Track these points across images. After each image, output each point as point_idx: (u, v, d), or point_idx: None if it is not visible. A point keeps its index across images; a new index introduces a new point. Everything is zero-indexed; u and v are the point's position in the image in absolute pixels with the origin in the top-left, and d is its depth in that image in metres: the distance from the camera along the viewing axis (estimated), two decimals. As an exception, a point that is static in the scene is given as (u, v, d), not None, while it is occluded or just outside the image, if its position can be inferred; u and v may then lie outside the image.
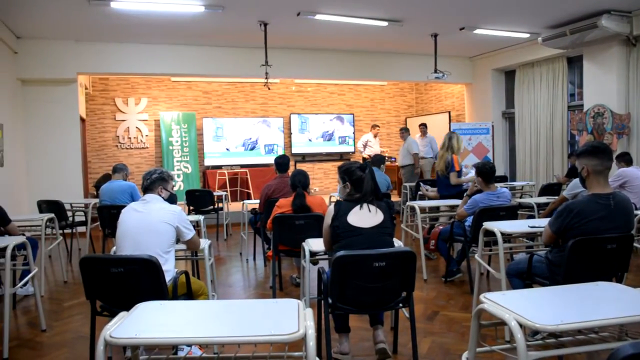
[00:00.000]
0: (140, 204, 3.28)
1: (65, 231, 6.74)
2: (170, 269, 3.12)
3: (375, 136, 11.88)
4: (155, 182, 3.36)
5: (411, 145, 10.15)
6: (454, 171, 6.28)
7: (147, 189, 3.36)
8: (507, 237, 3.98)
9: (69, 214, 6.97)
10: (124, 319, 1.93)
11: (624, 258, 3.04)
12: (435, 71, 9.19)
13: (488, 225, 3.92)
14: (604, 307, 2.03)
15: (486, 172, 4.88)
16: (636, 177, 6.07)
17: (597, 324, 1.87)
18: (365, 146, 11.78)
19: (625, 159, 6.47)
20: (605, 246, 2.93)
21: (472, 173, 6.66)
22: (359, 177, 3.15)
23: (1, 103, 7.58)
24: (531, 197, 7.87)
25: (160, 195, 3.34)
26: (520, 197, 7.81)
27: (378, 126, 12.16)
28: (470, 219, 4.83)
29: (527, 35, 8.91)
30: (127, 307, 2.08)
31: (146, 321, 1.95)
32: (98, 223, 6.36)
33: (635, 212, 4.83)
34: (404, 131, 10.46)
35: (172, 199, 3.52)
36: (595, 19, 7.46)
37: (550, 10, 7.51)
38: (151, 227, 3.13)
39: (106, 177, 8.83)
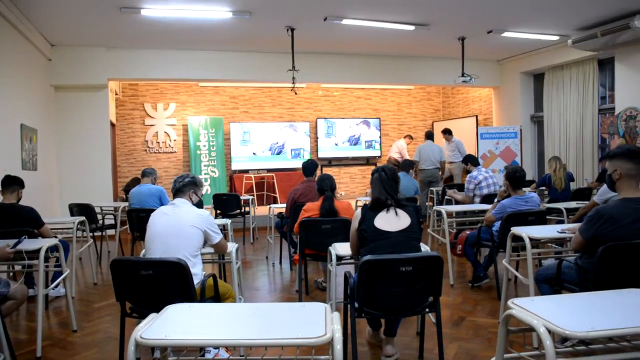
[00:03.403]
0: (169, 207, 3.34)
1: (95, 234, 6.87)
2: (198, 272, 3.16)
3: (407, 144, 11.91)
4: (188, 185, 3.43)
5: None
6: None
7: (178, 191, 3.42)
8: (536, 243, 3.93)
9: (99, 217, 7.10)
10: (154, 320, 1.96)
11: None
12: (463, 75, 9.12)
13: (516, 230, 3.87)
14: (636, 314, 1.99)
15: (516, 178, 4.81)
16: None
17: (629, 331, 1.83)
18: (397, 153, 11.72)
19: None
20: (638, 252, 2.87)
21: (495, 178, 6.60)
22: (371, 181, 3.21)
23: (36, 109, 7.78)
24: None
25: (190, 199, 3.41)
26: (549, 202, 7.69)
27: (412, 137, 12.18)
28: (498, 224, 4.78)
29: (556, 38, 8.78)
30: (156, 309, 2.11)
31: (176, 323, 1.97)
32: (127, 226, 6.46)
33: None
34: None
35: (199, 205, 3.57)
36: (627, 20, 7.31)
37: (581, 12, 7.38)
38: (180, 230, 3.18)
39: (135, 181, 8.98)
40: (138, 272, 2.88)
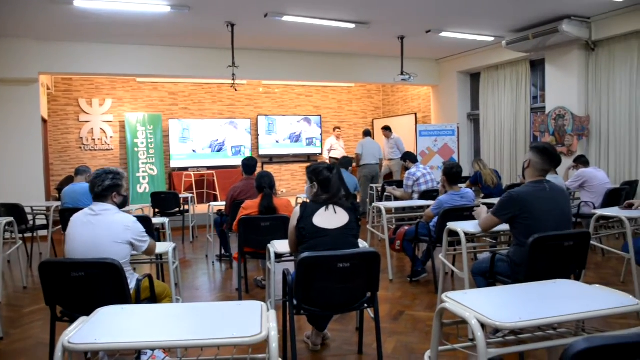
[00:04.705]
0: (89, 216, 2.99)
1: (26, 235, 6.57)
2: (130, 284, 2.96)
3: (338, 138, 11.99)
4: (109, 189, 3.03)
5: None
6: None
7: (99, 196, 3.03)
8: (471, 237, 4.04)
9: (30, 217, 6.80)
10: (83, 324, 1.90)
11: (581, 256, 3.12)
12: (402, 73, 9.27)
13: (452, 225, 3.97)
14: (561, 304, 2.08)
15: (452, 174, 4.94)
16: (595, 177, 6.27)
17: (554, 320, 1.92)
18: (330, 150, 11.84)
19: (582, 161, 6.71)
20: (563, 244, 3.02)
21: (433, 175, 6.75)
22: (326, 178, 3.16)
23: (-42, 103, 7.35)
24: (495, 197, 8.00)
25: (114, 202, 3.07)
26: (484, 198, 7.92)
27: (339, 128, 12.29)
28: (435, 219, 4.89)
29: (491, 39, 9.06)
30: (89, 313, 2.05)
31: (107, 326, 1.92)
32: (60, 227, 6.22)
33: (594, 211, 4.99)
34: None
35: (124, 201, 3.21)
36: (556, 24, 7.64)
37: (514, 15, 7.66)
38: (102, 247, 2.90)
39: (69, 180, 8.63)
40: (69, 274, 2.77)
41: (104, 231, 2.94)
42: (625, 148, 7.80)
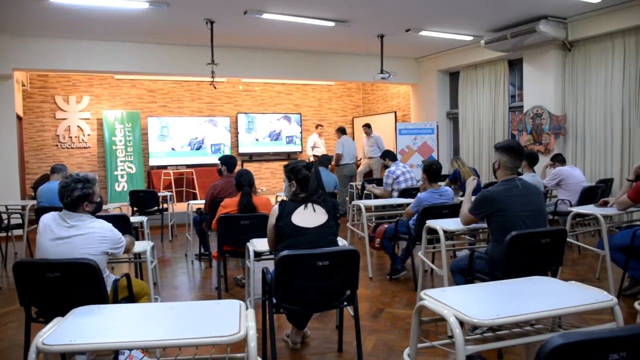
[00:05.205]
0: (63, 228, 2.88)
1: (0, 235, 6.46)
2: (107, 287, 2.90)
3: (320, 135, 12.02)
4: (79, 200, 2.88)
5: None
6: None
7: (69, 207, 2.90)
8: (450, 235, 4.07)
9: (4, 216, 6.68)
10: (58, 324, 1.87)
11: (558, 252, 3.16)
12: (382, 72, 9.29)
13: (431, 223, 3.99)
14: (538, 300, 2.10)
15: (432, 171, 4.98)
16: (571, 175, 6.36)
17: (530, 317, 1.94)
18: (313, 148, 11.87)
19: (559, 159, 6.81)
20: (540, 241, 3.05)
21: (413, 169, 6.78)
22: (304, 176, 3.15)
23: None
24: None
25: (86, 210, 2.94)
26: (463, 196, 7.99)
27: (322, 125, 12.31)
28: (415, 217, 4.91)
29: (470, 38, 9.13)
30: (65, 313, 2.02)
31: (82, 326, 1.89)
32: (36, 226, 6.12)
33: (570, 208, 5.06)
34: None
35: (98, 207, 3.11)
36: (533, 24, 7.73)
37: (492, 14, 7.72)
38: None
39: (45, 178, 8.50)
40: (44, 274, 2.72)
41: (78, 247, 2.85)
42: (601, 147, 7.93)
